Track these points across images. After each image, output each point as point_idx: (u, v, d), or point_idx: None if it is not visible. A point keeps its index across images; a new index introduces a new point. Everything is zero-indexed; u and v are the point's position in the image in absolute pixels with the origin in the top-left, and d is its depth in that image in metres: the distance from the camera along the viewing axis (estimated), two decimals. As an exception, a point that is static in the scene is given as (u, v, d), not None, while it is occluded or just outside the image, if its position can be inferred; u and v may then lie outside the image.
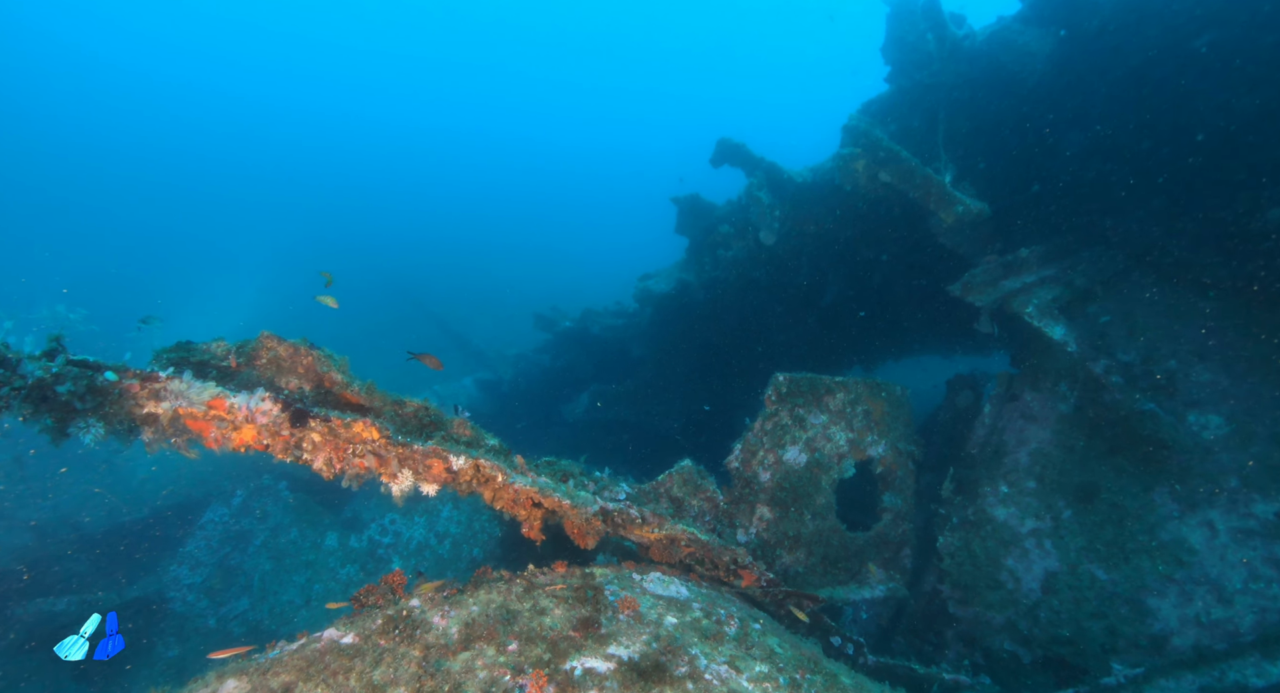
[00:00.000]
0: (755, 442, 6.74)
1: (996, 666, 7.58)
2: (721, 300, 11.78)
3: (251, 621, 9.57)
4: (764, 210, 9.98)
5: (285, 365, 4.19)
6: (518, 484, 4.24)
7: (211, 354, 4.01)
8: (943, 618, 7.93)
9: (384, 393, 4.44)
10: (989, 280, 8.12)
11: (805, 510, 6.95)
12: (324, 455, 3.82)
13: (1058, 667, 7.35)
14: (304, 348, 4.21)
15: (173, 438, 3.53)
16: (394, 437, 3.94)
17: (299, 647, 3.80)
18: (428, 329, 17.15)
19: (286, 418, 3.62)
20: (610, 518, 4.96)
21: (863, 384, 7.46)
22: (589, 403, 12.36)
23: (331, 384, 4.23)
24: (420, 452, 4.04)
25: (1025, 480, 7.94)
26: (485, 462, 4.13)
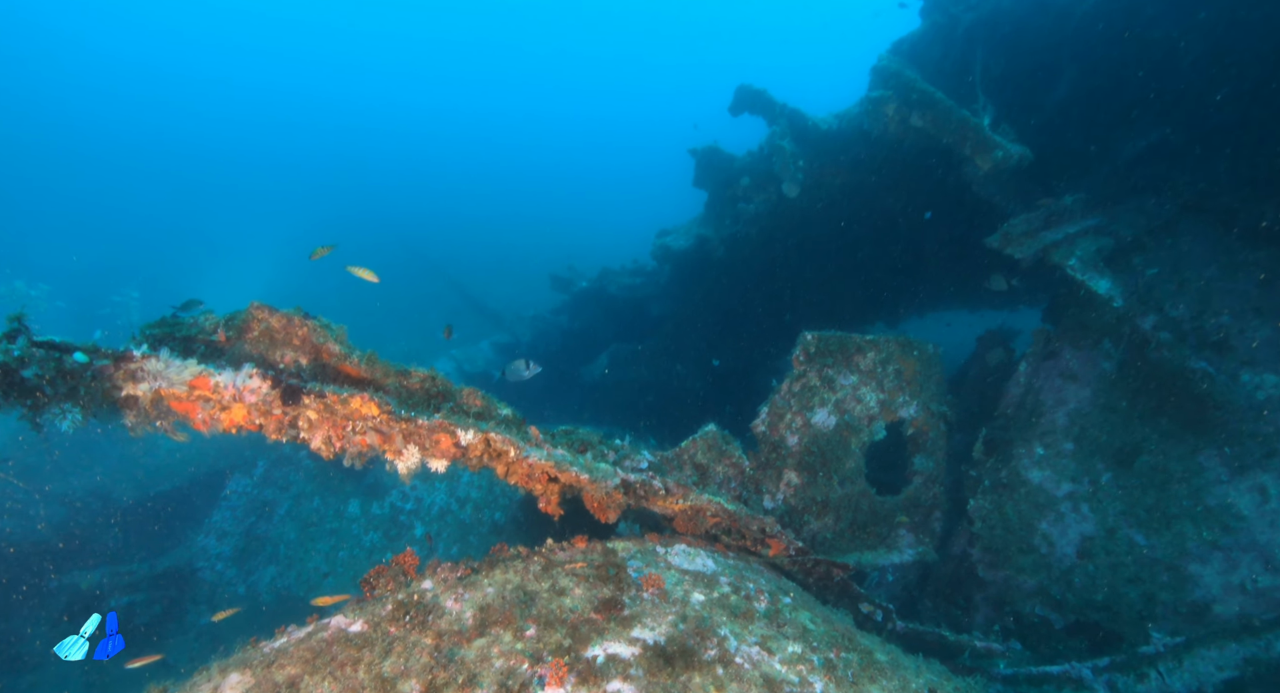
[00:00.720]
0: (783, 404, 6.36)
1: (1027, 630, 7.30)
2: (742, 256, 11.26)
3: (280, 588, 9.54)
4: (787, 160, 9.38)
5: (279, 338, 3.84)
6: (532, 458, 3.91)
7: (199, 328, 3.67)
8: (972, 582, 7.63)
9: (386, 363, 4.08)
10: (1029, 231, 7.54)
11: (834, 475, 6.61)
12: (322, 434, 3.49)
13: (1091, 632, 7.06)
14: (298, 318, 3.85)
15: (157, 421, 3.21)
16: (397, 411, 3.59)
17: (306, 635, 3.55)
18: (445, 294, 16.79)
19: (277, 395, 3.28)
20: (632, 490, 4.64)
21: (894, 342, 7.01)
22: (608, 364, 12.02)
23: (329, 356, 3.88)
24: (426, 426, 3.70)
25: (1062, 442, 7.51)
26: (496, 435, 3.79)
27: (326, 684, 3.19)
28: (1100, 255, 7.52)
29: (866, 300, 12.54)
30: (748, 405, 13.31)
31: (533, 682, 3.26)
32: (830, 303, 12.28)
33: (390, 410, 3.54)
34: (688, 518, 5.07)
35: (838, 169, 10.07)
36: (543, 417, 14.04)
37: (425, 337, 14.47)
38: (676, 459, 5.67)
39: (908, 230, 11.17)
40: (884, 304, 12.93)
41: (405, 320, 15.59)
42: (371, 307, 16.18)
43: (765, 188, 10.40)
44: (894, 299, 12.91)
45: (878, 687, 3.89)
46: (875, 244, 11.54)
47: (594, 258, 16.52)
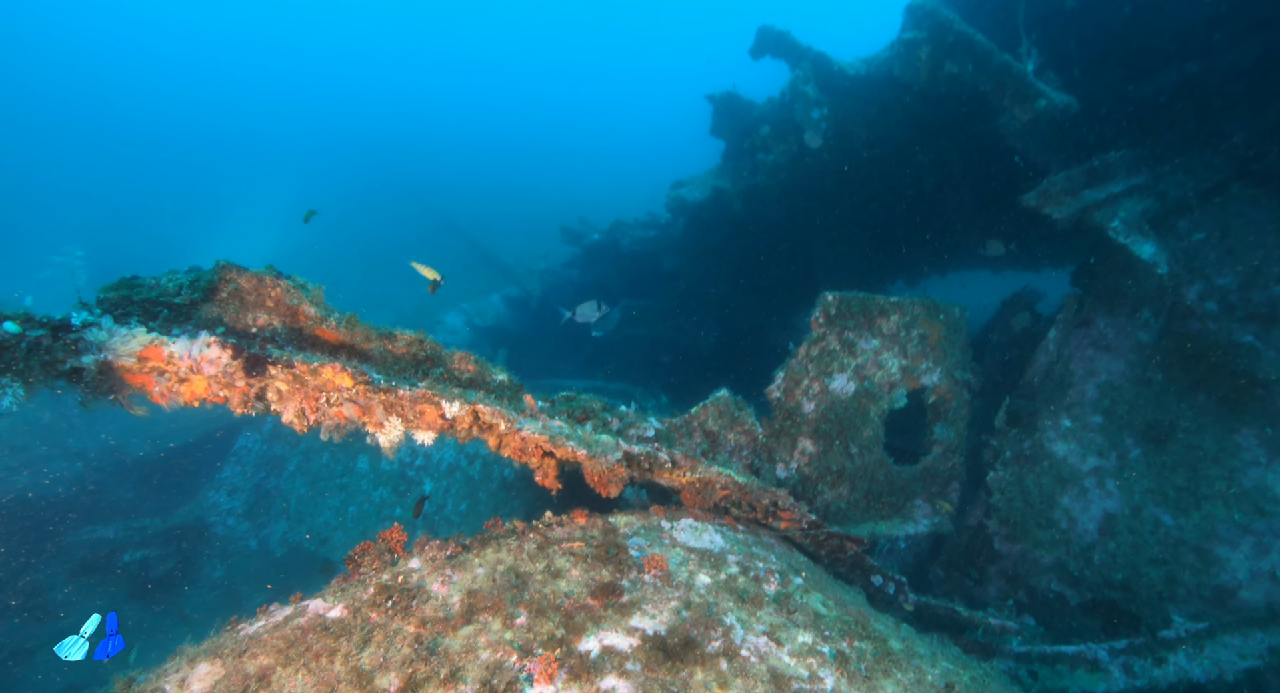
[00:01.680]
0: (799, 369, 5.93)
1: (1040, 605, 7.01)
2: (760, 210, 10.64)
3: (291, 542, 9.45)
4: (809, 108, 8.68)
5: (250, 300, 3.44)
6: (525, 431, 3.53)
7: (161, 290, 3.26)
8: (986, 554, 7.32)
9: (368, 326, 3.68)
10: (1069, 189, 6.91)
11: (851, 444, 6.22)
12: (293, 406, 3.12)
13: (1107, 611, 6.74)
14: (269, 278, 3.43)
15: (110, 395, 2.84)
16: (375, 381, 3.21)
17: (284, 619, 3.26)
18: (456, 246, 16.27)
19: (240, 365, 2.89)
20: (636, 462, 4.28)
21: (919, 305, 6.51)
22: (619, 319, 11.58)
23: (305, 319, 3.48)
24: (408, 397, 3.31)
25: (1091, 415, 7.05)
26: (485, 407, 3.40)
27: (300, 677, 2.90)
28: (1145, 218, 6.90)
29: (886, 258, 11.93)
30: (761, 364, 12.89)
31: (520, 678, 2.96)
32: (849, 259, 11.69)
33: (367, 381, 3.16)
34: (695, 491, 4.73)
35: (863, 119, 9.35)
36: (555, 371, 13.74)
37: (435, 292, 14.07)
38: (686, 426, 5.30)
39: (934, 186, 10.49)
40: (904, 262, 12.31)
41: (415, 275, 15.18)
42: (381, 262, 15.75)
43: (786, 138, 9.71)
44: (915, 257, 12.28)
45: (891, 681, 3.57)
46: (899, 199, 10.87)
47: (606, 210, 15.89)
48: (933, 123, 9.19)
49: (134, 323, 2.95)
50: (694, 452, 5.33)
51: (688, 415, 5.30)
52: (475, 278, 14.53)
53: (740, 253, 11.76)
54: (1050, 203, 6.79)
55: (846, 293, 6.13)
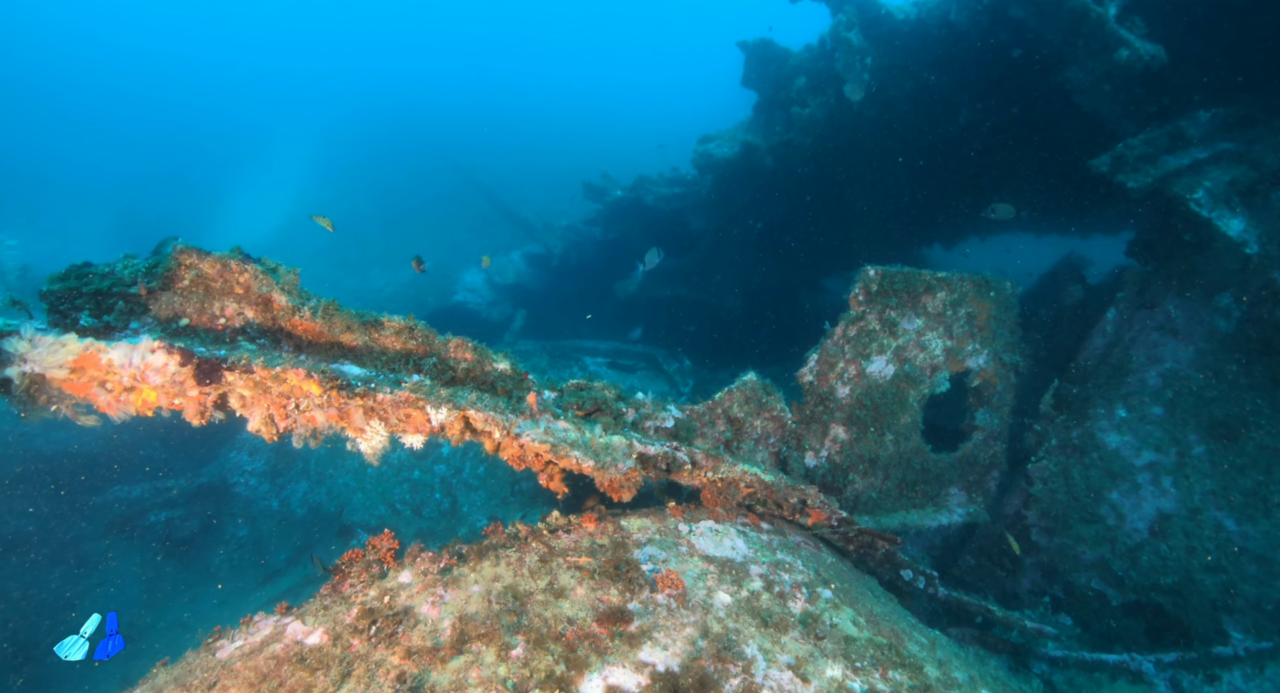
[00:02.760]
0: (835, 351, 5.34)
1: (1078, 603, 6.51)
2: (793, 167, 9.83)
3: (312, 502, 9.27)
4: (852, 57, 7.79)
5: (216, 287, 2.94)
6: (525, 437, 3.04)
7: (115, 280, 2.78)
8: (1023, 544, 6.80)
9: (348, 315, 3.16)
10: (1148, 154, 6.06)
11: (887, 431, 5.67)
12: (260, 412, 2.65)
13: (1151, 615, 6.22)
14: (235, 263, 2.92)
15: (51, 406, 2.39)
16: (351, 384, 2.72)
17: (261, 643, 2.89)
18: (477, 202, 15.57)
19: (190, 373, 2.41)
20: (652, 464, 3.79)
21: (969, 281, 5.83)
22: (643, 279, 10.98)
23: (279, 308, 2.98)
24: (389, 401, 2.83)
25: (1151, 406, 6.38)
26: (478, 413, 2.91)
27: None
28: (1234, 189, 6.04)
29: (925, 220, 11.07)
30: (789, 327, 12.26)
31: (513, 729, 2.56)
32: (884, 220, 10.86)
33: (341, 385, 2.67)
34: (718, 490, 4.25)
35: (910, 70, 8.42)
36: (578, 331, 13.26)
37: (455, 249, 13.52)
38: (709, 413, 4.78)
39: (981, 145, 9.55)
40: (944, 225, 11.44)
41: (436, 232, 14.59)
42: (403, 219, 15.17)
43: (823, 90, 8.82)
44: (956, 220, 11.40)
45: (930, 723, 3.14)
46: (942, 159, 9.96)
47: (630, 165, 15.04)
48: (988, 76, 8.23)
49: (71, 325, 2.47)
50: (717, 441, 4.83)
51: (711, 402, 4.78)
52: (496, 234, 13.93)
53: (770, 212, 11.00)
54: (1125, 170, 5.96)
55: (889, 267, 5.47)
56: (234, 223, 16.66)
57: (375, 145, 20.89)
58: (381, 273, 13.19)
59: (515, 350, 11.30)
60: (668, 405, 4.45)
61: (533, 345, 10.76)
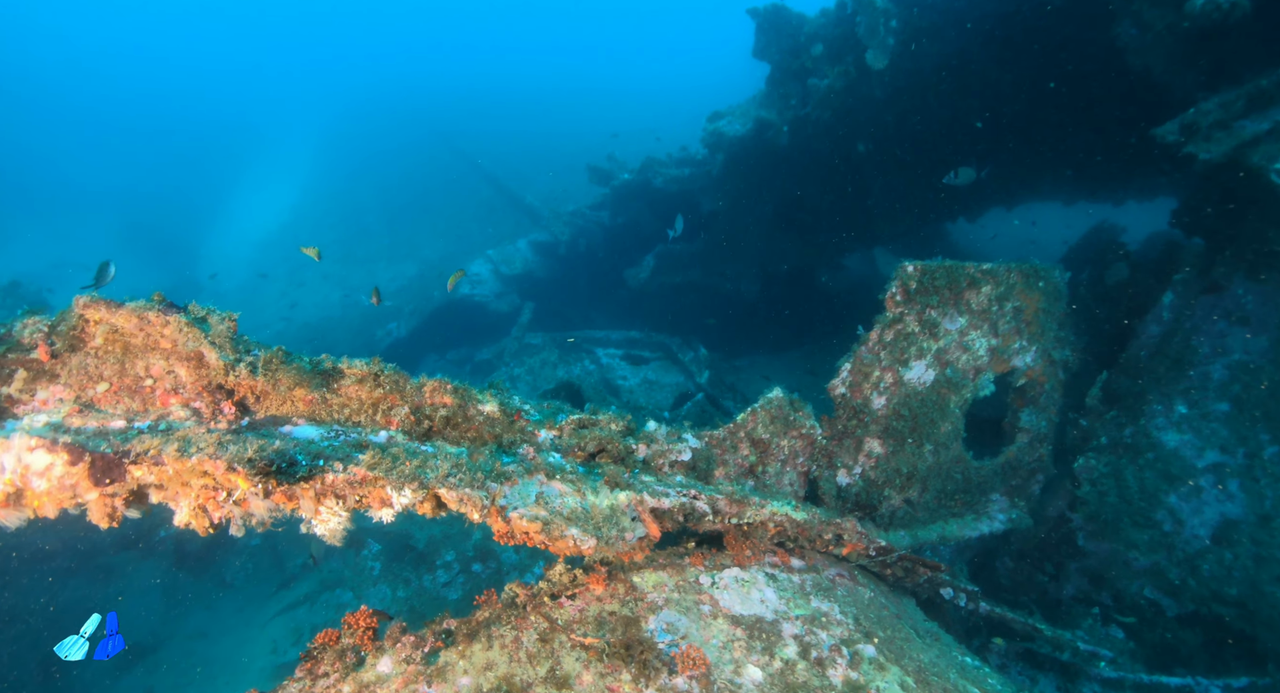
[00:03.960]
0: (870, 359, 4.64)
1: (1128, 611, 5.86)
2: (810, 142, 8.97)
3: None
4: (877, 18, 6.90)
5: (137, 344, 2.30)
6: (512, 515, 2.41)
7: (11, 344, 2.15)
8: (1067, 548, 6.14)
9: (296, 369, 2.50)
10: (1223, 120, 5.18)
11: (926, 442, 4.99)
12: (187, 504, 2.03)
13: (1211, 626, 5.57)
14: (155, 314, 2.28)
15: None
16: (293, 468, 2.09)
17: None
18: (482, 189, 14.75)
19: (84, 473, 1.80)
20: (668, 518, 3.16)
21: (1016, 272, 5.06)
22: (654, 266, 10.24)
23: (211, 367, 2.34)
24: (342, 481, 2.20)
25: (1215, 402, 5.62)
26: (450, 493, 2.28)
27: None
28: (1318, 156, 5.16)
29: (950, 192, 10.17)
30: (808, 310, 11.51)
31: None
32: (906, 194, 10.00)
33: (278, 469, 2.03)
34: (743, 534, 3.62)
35: (938, 31, 7.49)
36: (590, 321, 12.59)
37: (461, 238, 12.82)
38: (730, 437, 4.13)
39: (1014, 112, 8.61)
40: (968, 196, 10.54)
41: (441, 222, 13.86)
42: (408, 209, 14.43)
43: (842, 58, 7.92)
44: (979, 191, 10.48)
45: None
46: (970, 127, 9.05)
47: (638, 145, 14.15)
48: (1025, 35, 7.29)
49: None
50: (740, 468, 4.19)
51: (733, 424, 4.12)
52: (502, 222, 13.18)
53: (785, 190, 10.16)
54: (1197, 138, 5.11)
55: (929, 262, 4.72)
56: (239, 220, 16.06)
57: (378, 135, 20.02)
58: (386, 267, 12.56)
59: (524, 343, 10.71)
60: (684, 435, 3.80)
61: (542, 338, 10.13)
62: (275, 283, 12.72)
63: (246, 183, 19.25)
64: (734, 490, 3.45)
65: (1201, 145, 5.08)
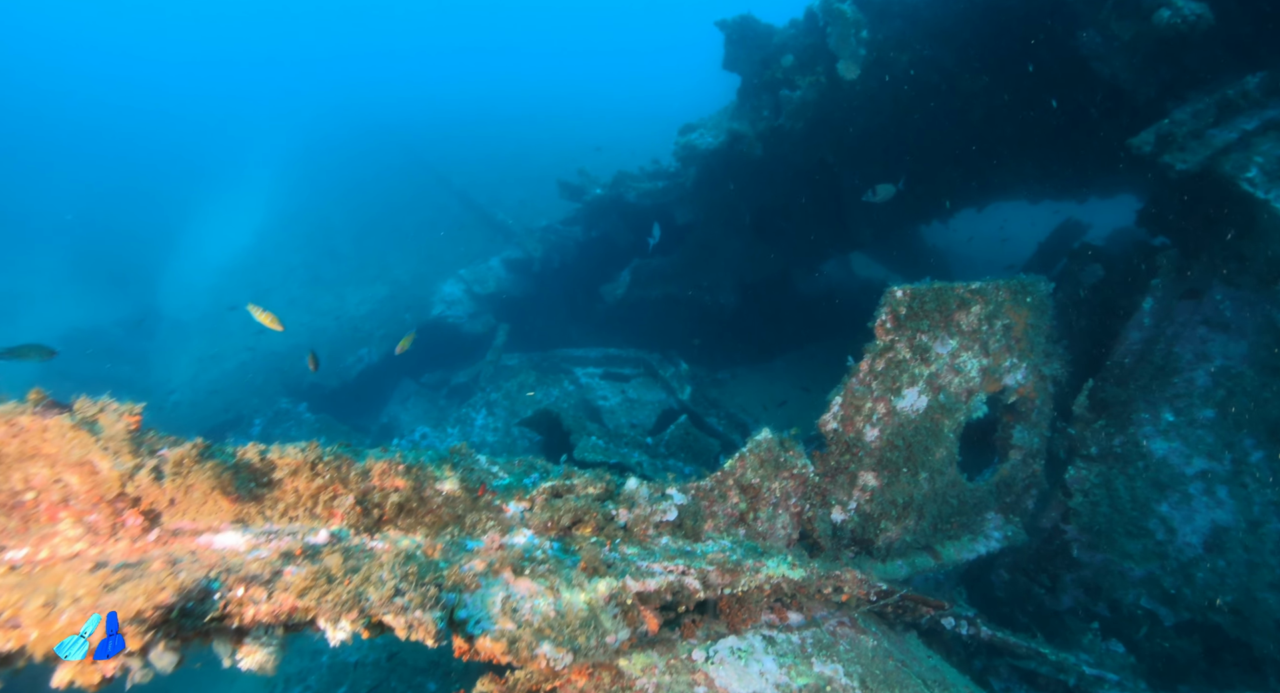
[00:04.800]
0: (861, 391, 4.37)
1: (1125, 622, 5.71)
2: (783, 152, 8.73)
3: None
4: (847, 30, 6.66)
5: (11, 451, 1.91)
6: (477, 636, 2.06)
7: None
8: (1062, 560, 5.98)
9: (217, 466, 2.11)
10: (1197, 130, 5.01)
11: (921, 470, 4.75)
12: (69, 667, 1.64)
13: (1209, 634, 5.44)
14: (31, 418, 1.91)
15: None
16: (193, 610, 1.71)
17: None
18: (452, 205, 14.16)
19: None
20: (655, 600, 2.83)
21: (1004, 289, 4.84)
22: (629, 281, 9.91)
23: (103, 478, 1.94)
24: (267, 613, 1.83)
25: (1200, 408, 5.48)
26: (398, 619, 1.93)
27: None
28: (1290, 161, 5.02)
29: (923, 198, 10.03)
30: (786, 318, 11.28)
31: None
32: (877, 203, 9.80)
33: (176, 614, 1.66)
34: (737, 601, 3.31)
35: (907, 41, 7.28)
36: (568, 337, 12.22)
37: (432, 258, 12.31)
38: (718, 487, 3.82)
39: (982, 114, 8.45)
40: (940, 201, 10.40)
41: (412, 241, 13.29)
42: (377, 226, 13.81)
43: (813, 67, 7.67)
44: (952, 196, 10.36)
45: None
46: (939, 133, 8.88)
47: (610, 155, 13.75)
48: (994, 43, 7.12)
49: None
50: (729, 518, 3.88)
51: (721, 473, 3.82)
52: (474, 239, 12.69)
53: (760, 200, 9.91)
54: (1172, 148, 4.93)
55: (917, 284, 4.47)
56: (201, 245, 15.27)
57: (346, 152, 19.22)
58: (355, 290, 12.00)
59: (500, 366, 10.29)
60: (667, 491, 3.48)
61: (519, 359, 9.74)
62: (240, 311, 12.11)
63: (208, 205, 18.34)
64: (725, 557, 3.15)
65: (1177, 156, 4.92)
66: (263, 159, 21.73)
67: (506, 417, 8.79)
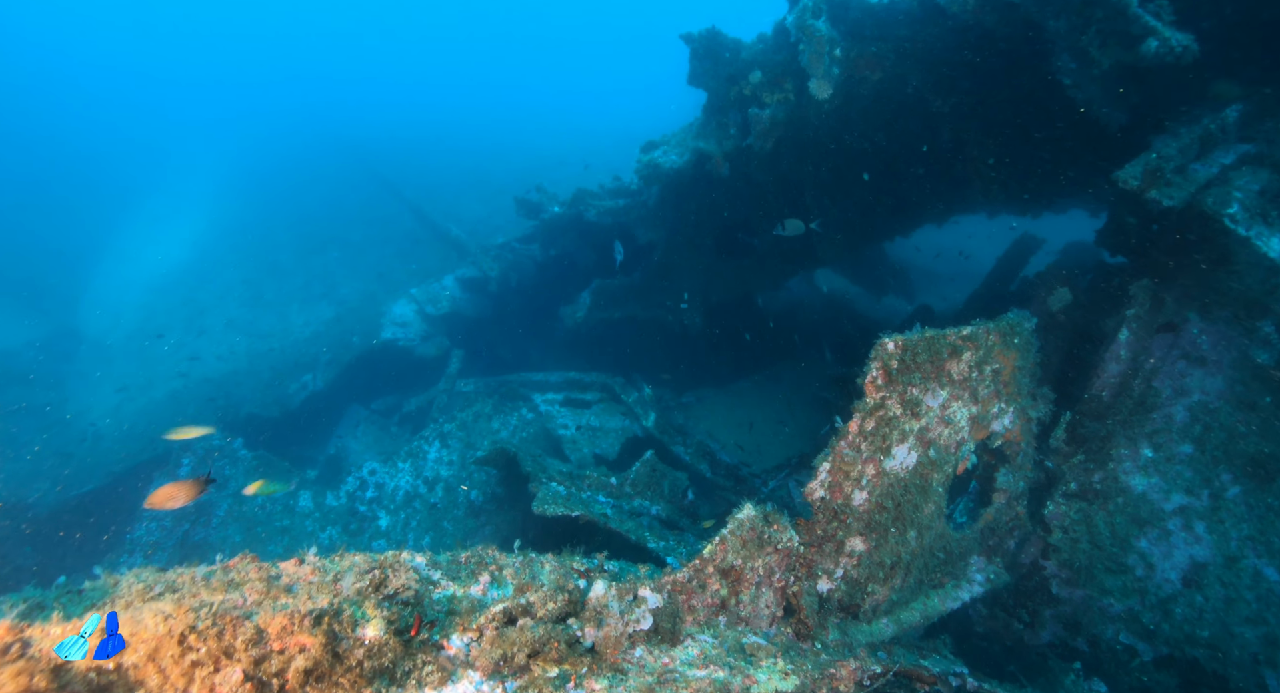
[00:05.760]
0: (850, 455, 4.00)
1: (1105, 657, 5.57)
2: (750, 171, 8.35)
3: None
4: (822, 47, 6.28)
5: None
6: None
7: None
8: (1041, 596, 5.80)
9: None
10: (1182, 165, 4.82)
11: (909, 528, 4.42)
12: None
13: (1186, 668, 5.33)
14: None
15: None
16: None
17: None
18: (404, 219, 13.22)
19: None
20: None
21: (994, 332, 4.56)
22: (590, 303, 9.39)
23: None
24: None
25: (1178, 444, 5.34)
26: None
27: None
28: (1266, 198, 4.89)
29: (887, 217, 9.83)
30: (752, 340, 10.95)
31: None
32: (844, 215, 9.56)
33: None
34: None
35: (880, 60, 6.96)
36: (526, 358, 11.59)
37: (382, 276, 11.45)
38: (696, 577, 3.40)
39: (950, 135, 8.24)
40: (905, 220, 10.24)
41: (360, 256, 12.35)
42: (324, 244, 12.77)
43: (781, 85, 7.29)
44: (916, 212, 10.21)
45: None
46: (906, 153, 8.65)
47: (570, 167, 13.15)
48: (968, 66, 6.87)
49: None
50: (709, 609, 3.45)
51: (699, 561, 3.39)
52: (427, 256, 11.87)
53: (725, 217, 9.52)
54: (1159, 184, 4.72)
55: (908, 335, 4.11)
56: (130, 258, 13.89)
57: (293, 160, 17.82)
58: (300, 309, 11.06)
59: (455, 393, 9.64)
60: (639, 591, 3.05)
61: (475, 385, 9.12)
62: (172, 333, 11.06)
63: (140, 215, 16.73)
64: (710, 683, 2.70)
65: (1164, 191, 4.71)
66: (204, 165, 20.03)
67: (462, 448, 8.19)
